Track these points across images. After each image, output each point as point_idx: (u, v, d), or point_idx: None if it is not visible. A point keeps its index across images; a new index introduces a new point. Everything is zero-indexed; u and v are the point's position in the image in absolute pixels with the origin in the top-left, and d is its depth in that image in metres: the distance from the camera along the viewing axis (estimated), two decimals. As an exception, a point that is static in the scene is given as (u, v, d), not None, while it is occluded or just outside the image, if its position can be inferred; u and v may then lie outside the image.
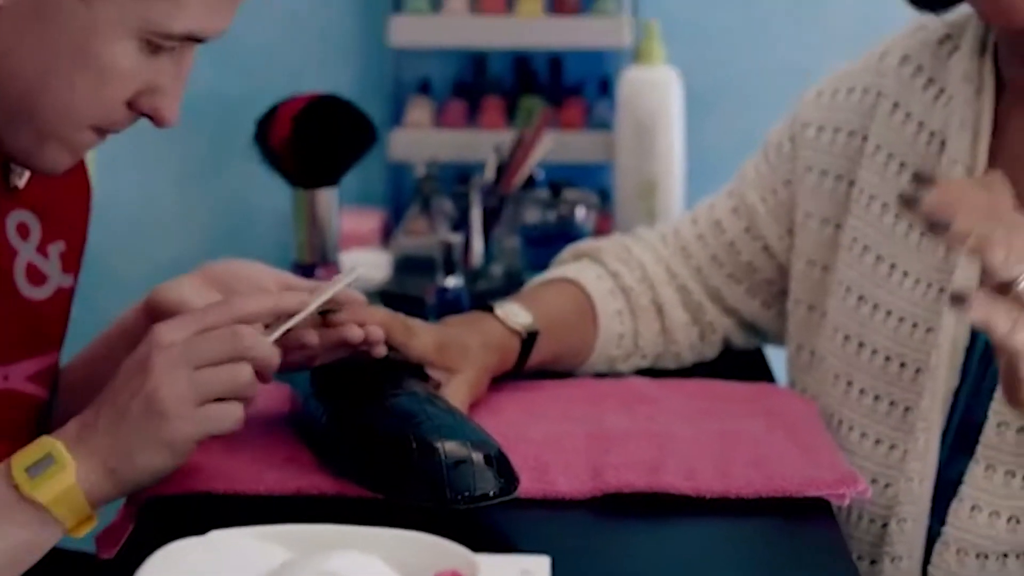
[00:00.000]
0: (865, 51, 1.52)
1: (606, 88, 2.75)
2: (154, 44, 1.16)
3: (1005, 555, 1.27)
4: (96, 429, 1.13)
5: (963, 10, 1.39)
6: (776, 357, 1.62)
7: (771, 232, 1.54)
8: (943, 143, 1.41)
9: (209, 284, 1.30)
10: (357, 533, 0.94)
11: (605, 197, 2.59)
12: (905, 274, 1.39)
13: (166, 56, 1.18)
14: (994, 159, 1.38)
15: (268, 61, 2.77)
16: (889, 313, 1.38)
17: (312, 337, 1.25)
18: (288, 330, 1.20)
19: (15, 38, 1.14)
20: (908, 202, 1.10)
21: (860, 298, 1.41)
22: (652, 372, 1.55)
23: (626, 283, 1.55)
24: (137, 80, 1.17)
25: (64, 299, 1.31)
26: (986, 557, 1.27)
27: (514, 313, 1.45)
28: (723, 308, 1.58)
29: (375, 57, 2.77)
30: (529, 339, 1.44)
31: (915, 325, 1.36)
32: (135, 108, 1.19)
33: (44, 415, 1.31)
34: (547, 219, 2.31)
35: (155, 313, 1.28)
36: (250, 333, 1.15)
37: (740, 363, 1.60)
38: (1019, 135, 1.37)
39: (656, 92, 2.51)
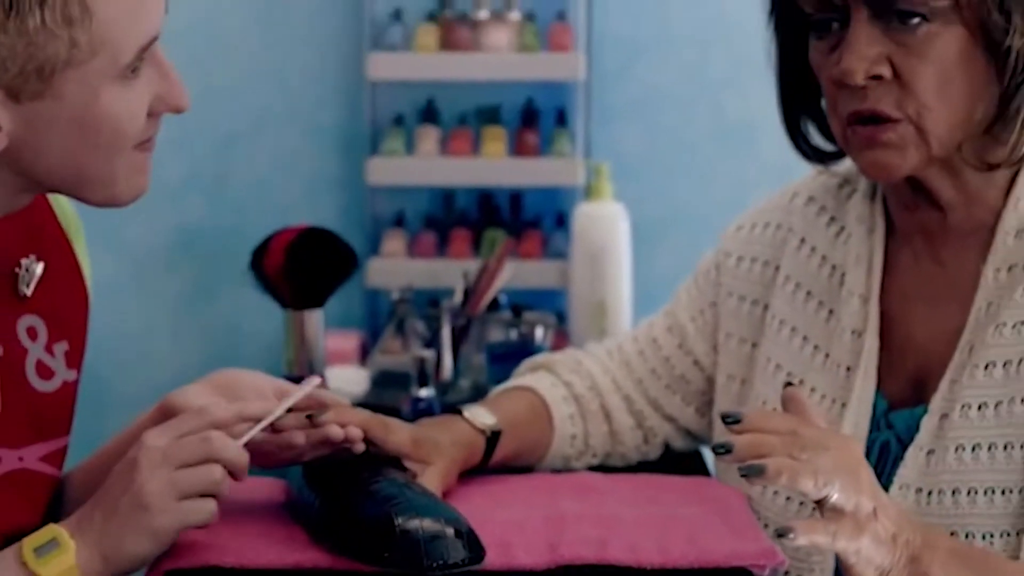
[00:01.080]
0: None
1: (562, 222, 2.79)
2: (126, 72, 1.21)
3: None
4: (92, 520, 1.22)
5: None
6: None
7: (700, 348, 1.59)
8: (843, 275, 1.46)
9: (215, 390, 1.37)
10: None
11: (561, 318, 2.62)
12: (812, 389, 1.45)
13: (144, 69, 1.23)
14: (885, 292, 1.43)
15: (257, 198, 2.80)
16: None
17: (299, 438, 1.34)
18: (255, 433, 1.29)
19: (33, 146, 1.22)
20: (722, 451, 1.16)
21: (773, 410, 1.44)
22: (602, 469, 1.58)
23: (577, 391, 1.60)
24: (140, 103, 1.23)
25: (70, 391, 1.37)
26: None
27: (480, 415, 1.50)
28: (662, 415, 1.62)
29: (355, 194, 2.81)
30: (493, 437, 1.49)
31: None
32: (154, 115, 1.25)
33: (56, 491, 1.38)
34: (509, 338, 2.35)
35: (169, 415, 1.35)
36: (220, 438, 1.25)
37: (681, 463, 1.63)
38: (907, 270, 1.44)
39: (606, 225, 2.57)
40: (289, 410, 1.34)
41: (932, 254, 1.42)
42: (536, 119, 2.81)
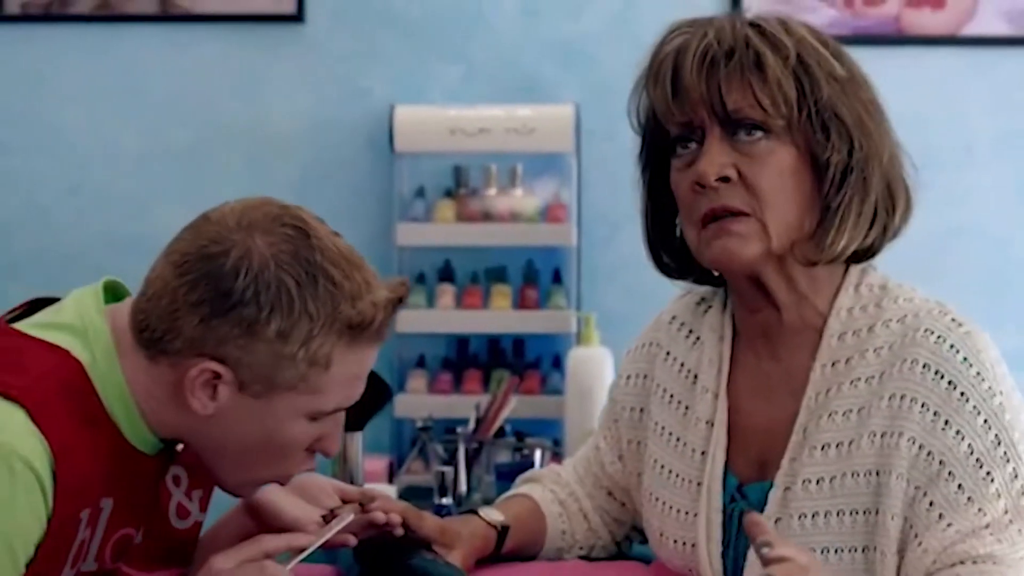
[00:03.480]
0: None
1: (557, 363, 2.91)
2: (317, 416, 1.32)
3: None
4: None
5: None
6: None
7: (609, 459, 1.67)
8: (696, 376, 1.55)
9: (290, 489, 1.51)
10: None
11: (557, 443, 2.74)
12: (678, 475, 1.54)
13: (328, 417, 1.34)
14: (732, 387, 1.52)
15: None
16: (672, 508, 1.55)
17: (352, 541, 1.50)
18: (300, 561, 1.40)
19: (225, 423, 1.31)
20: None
21: (657, 499, 1.57)
22: (588, 558, 1.67)
23: (560, 497, 1.70)
24: (308, 439, 1.34)
25: (197, 529, 1.46)
26: None
27: (492, 514, 1.63)
28: (612, 519, 1.70)
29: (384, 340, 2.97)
30: (503, 531, 1.61)
31: (685, 513, 1.53)
32: (310, 451, 1.35)
33: None
34: (513, 459, 2.46)
35: (252, 510, 1.51)
36: (271, 564, 1.36)
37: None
38: (750, 369, 1.53)
39: (594, 366, 2.69)
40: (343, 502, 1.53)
41: (771, 353, 1.51)
42: (536, 278, 2.93)
